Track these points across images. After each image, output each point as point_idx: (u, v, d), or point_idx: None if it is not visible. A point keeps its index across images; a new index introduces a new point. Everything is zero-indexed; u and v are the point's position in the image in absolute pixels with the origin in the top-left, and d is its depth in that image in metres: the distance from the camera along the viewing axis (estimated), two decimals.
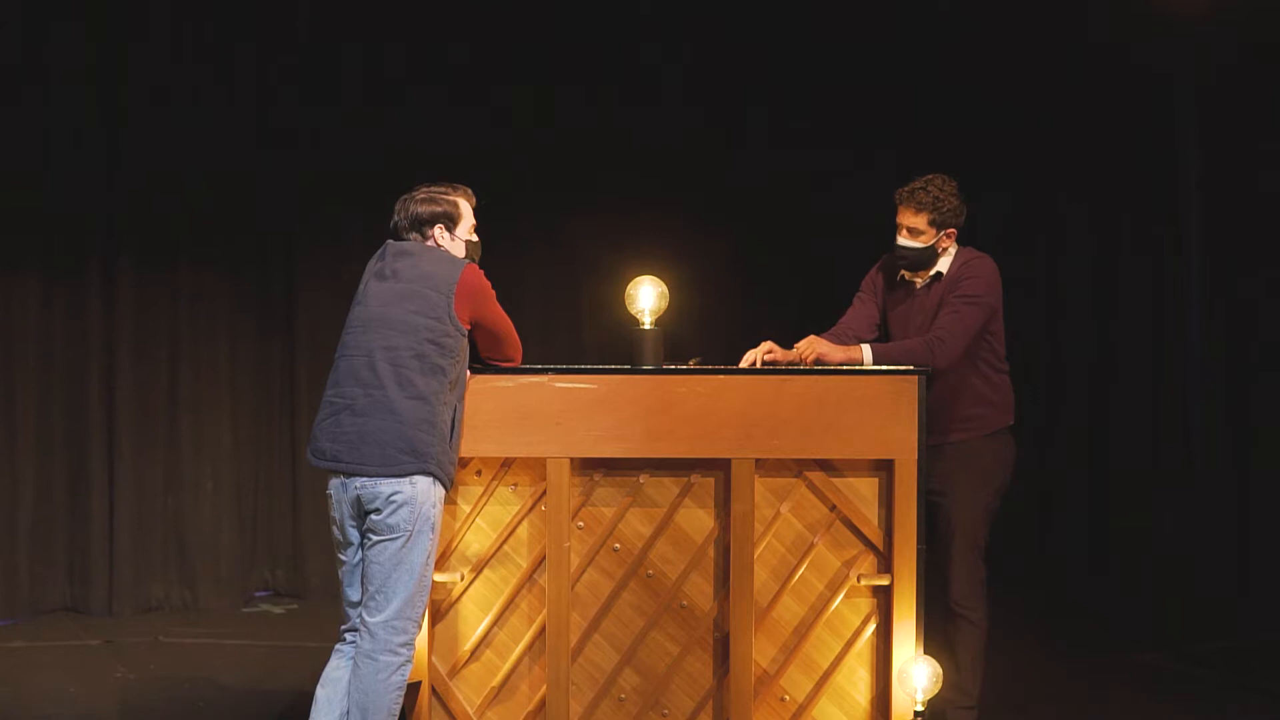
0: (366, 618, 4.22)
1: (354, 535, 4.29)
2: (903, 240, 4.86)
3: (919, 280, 4.94)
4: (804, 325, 4.96)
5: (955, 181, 4.87)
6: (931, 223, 4.81)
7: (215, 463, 7.16)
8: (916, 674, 4.41)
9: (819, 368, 4.58)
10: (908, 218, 4.83)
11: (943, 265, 4.89)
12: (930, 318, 4.84)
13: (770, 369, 4.55)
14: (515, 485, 4.56)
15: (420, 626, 4.29)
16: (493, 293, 4.38)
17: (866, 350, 4.69)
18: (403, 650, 4.22)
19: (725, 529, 4.53)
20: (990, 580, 4.92)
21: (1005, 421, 4.92)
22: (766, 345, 4.74)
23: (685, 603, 4.56)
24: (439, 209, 4.41)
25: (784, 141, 7.55)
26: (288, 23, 7.17)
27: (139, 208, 7.01)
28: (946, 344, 4.70)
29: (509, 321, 4.45)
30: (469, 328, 4.33)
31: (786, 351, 4.73)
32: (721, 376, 4.48)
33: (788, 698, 4.56)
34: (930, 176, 4.85)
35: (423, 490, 4.20)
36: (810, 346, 4.68)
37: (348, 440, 4.21)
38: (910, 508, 4.46)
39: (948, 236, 4.85)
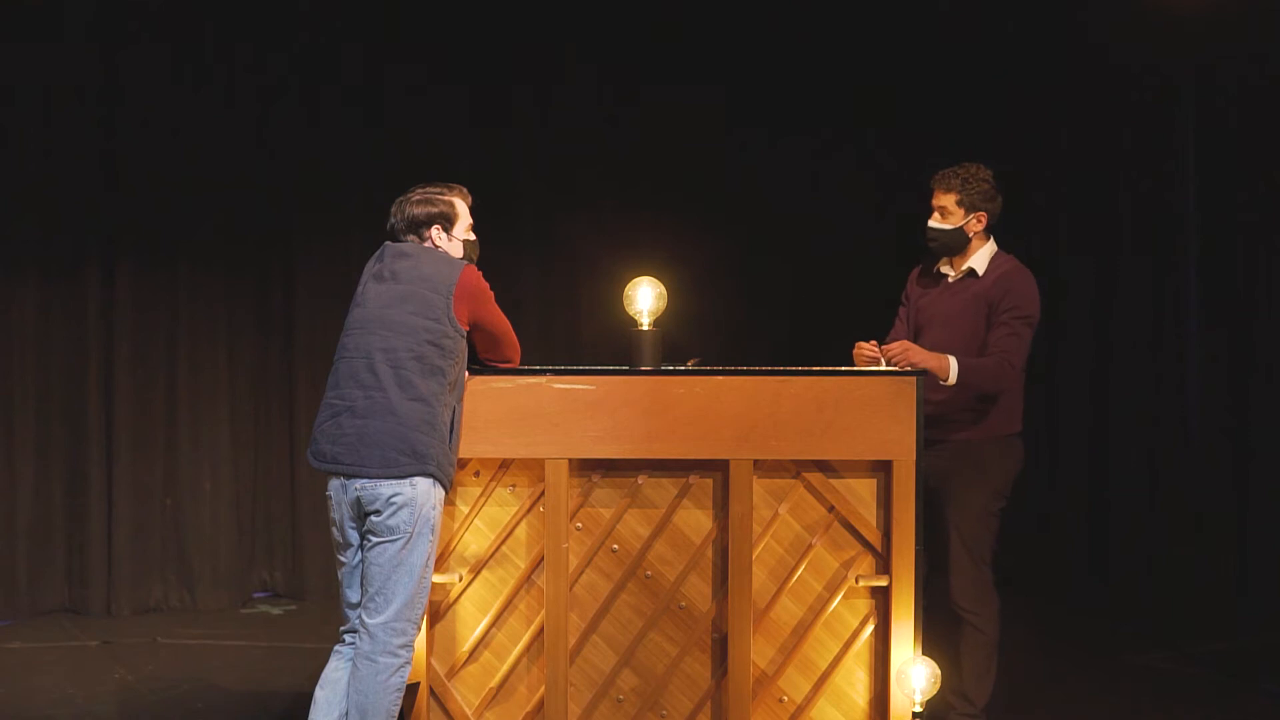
0: (366, 619, 4.21)
1: (354, 537, 4.29)
2: (932, 222, 4.92)
3: (951, 274, 4.96)
4: (802, 326, 4.95)
5: (990, 171, 4.92)
6: (960, 203, 4.87)
7: (214, 463, 7.15)
8: (915, 675, 4.41)
9: (817, 368, 4.57)
10: (938, 198, 4.91)
11: (977, 262, 4.91)
12: (961, 315, 4.85)
13: (768, 369, 4.54)
14: (514, 486, 4.55)
15: (419, 628, 4.29)
16: (491, 294, 4.38)
17: (953, 363, 4.67)
18: (402, 651, 4.22)
19: (724, 530, 4.52)
20: (995, 584, 4.90)
21: (1012, 427, 4.91)
22: (872, 348, 4.72)
23: (684, 604, 4.56)
24: (435, 210, 4.40)
25: (784, 143, 7.54)
26: (287, 23, 7.16)
27: (138, 208, 7.00)
28: (1016, 367, 4.78)
29: (507, 322, 4.45)
30: (468, 329, 4.33)
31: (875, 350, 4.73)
32: (720, 377, 4.47)
33: (786, 699, 4.56)
34: (966, 163, 4.93)
35: (423, 492, 4.20)
36: (903, 353, 4.64)
37: (348, 442, 4.21)
38: (909, 509, 4.45)
39: (977, 220, 4.89)
